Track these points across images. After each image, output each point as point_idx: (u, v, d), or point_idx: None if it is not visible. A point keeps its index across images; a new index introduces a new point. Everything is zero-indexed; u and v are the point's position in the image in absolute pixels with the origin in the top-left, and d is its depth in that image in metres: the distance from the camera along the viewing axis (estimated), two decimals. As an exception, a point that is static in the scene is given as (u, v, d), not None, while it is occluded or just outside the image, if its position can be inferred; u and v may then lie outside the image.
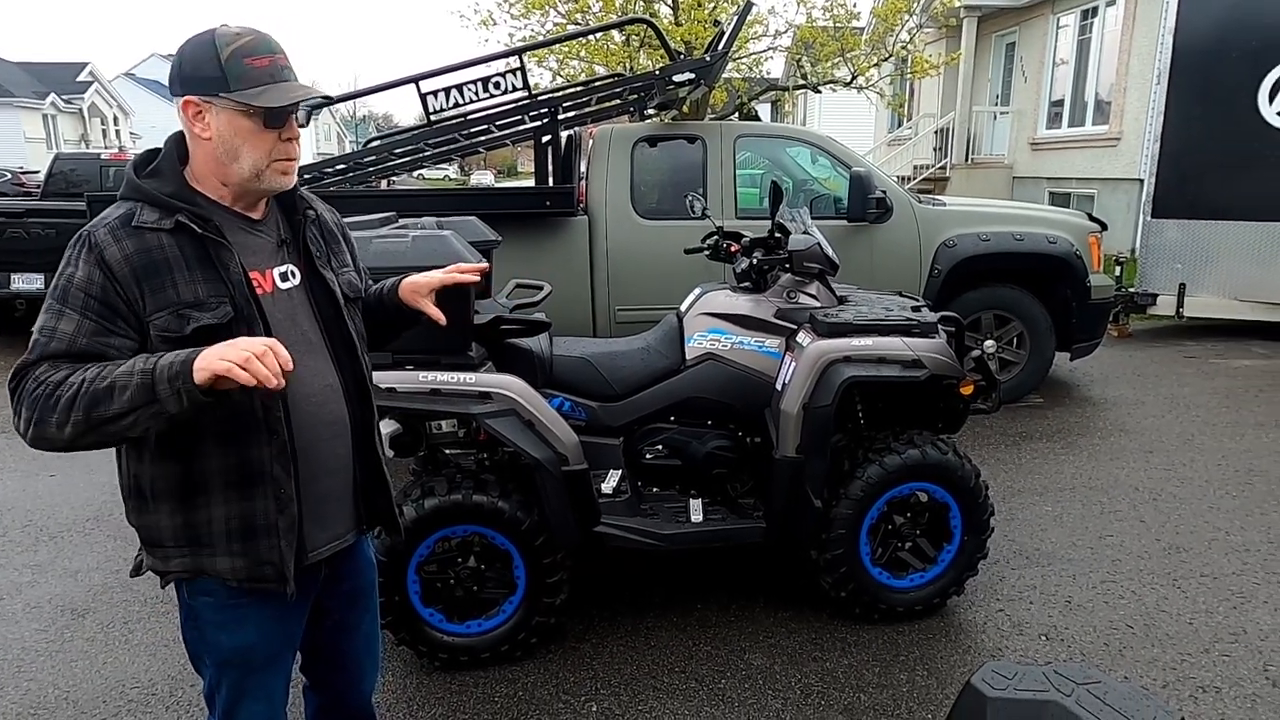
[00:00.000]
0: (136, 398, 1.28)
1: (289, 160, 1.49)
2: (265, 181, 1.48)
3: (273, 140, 1.45)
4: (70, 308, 1.36)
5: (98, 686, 2.70)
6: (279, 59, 1.44)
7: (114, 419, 1.28)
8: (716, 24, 9.40)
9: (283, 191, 1.57)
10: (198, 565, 1.49)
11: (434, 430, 2.79)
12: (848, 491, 2.79)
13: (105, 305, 1.36)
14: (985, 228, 5.32)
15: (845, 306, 2.96)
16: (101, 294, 1.36)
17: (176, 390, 1.27)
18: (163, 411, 1.29)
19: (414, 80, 4.84)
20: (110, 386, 1.28)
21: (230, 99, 1.40)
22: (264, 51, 1.43)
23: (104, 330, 1.36)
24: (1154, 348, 7.03)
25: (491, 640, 2.71)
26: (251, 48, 1.42)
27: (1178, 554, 3.43)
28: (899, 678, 2.65)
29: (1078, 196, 11.77)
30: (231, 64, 1.40)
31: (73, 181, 9.16)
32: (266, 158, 1.45)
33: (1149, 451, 4.60)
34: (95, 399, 1.28)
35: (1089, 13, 12.12)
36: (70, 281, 1.37)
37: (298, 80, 1.48)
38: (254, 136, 1.44)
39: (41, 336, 1.36)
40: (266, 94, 1.41)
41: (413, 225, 2.83)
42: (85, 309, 1.35)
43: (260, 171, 1.46)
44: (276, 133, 1.45)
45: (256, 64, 1.42)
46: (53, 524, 3.92)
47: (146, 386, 1.28)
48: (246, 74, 1.41)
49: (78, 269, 1.37)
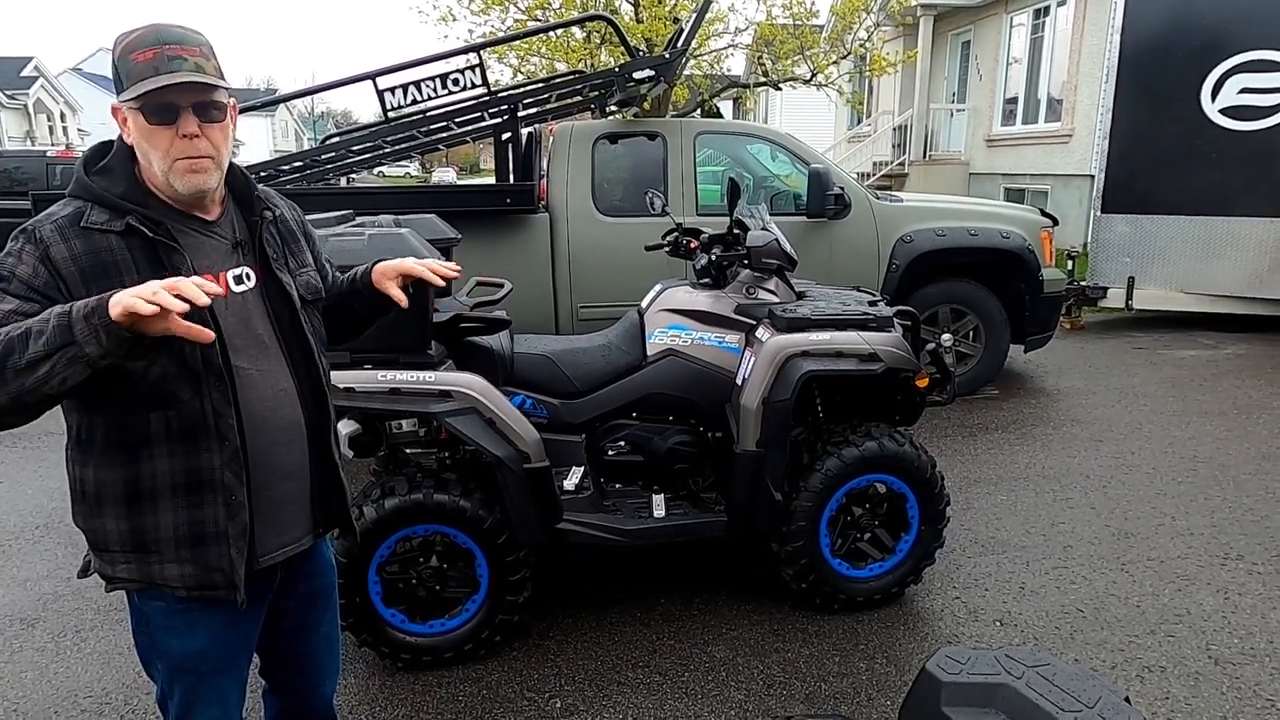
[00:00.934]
0: (53, 340, 1.19)
1: (194, 159, 1.40)
2: (175, 183, 1.41)
3: (169, 138, 1.38)
4: (10, 294, 1.30)
5: (49, 697, 2.64)
6: (169, 49, 1.35)
7: (28, 367, 1.19)
8: (676, 21, 9.44)
9: (240, 190, 1.55)
10: (145, 574, 1.47)
11: (394, 430, 2.77)
12: (807, 484, 2.83)
13: (47, 299, 1.31)
14: (941, 223, 5.41)
15: (803, 301, 3.00)
16: (44, 288, 1.32)
17: (94, 327, 1.18)
18: (81, 354, 1.19)
19: (371, 77, 4.79)
20: (25, 333, 1.20)
21: (122, 99, 1.37)
22: (151, 43, 1.36)
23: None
24: (1104, 339, 7.22)
25: (455, 639, 2.70)
26: (138, 42, 1.36)
27: (1126, 539, 3.53)
28: (859, 666, 2.70)
29: (1032, 192, 12.03)
30: (123, 62, 1.37)
31: (17, 180, 8.93)
32: (166, 157, 1.39)
33: (1099, 440, 4.73)
34: (8, 348, 1.20)
35: (1041, 12, 12.39)
36: (13, 272, 1.32)
37: (203, 71, 1.37)
38: (151, 135, 1.38)
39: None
40: (139, 87, 1.34)
41: (370, 223, 2.81)
42: (27, 299, 1.30)
43: (166, 172, 1.40)
44: (172, 129, 1.38)
45: (140, 58, 1.35)
46: (1, 532, 3.81)
47: (63, 328, 1.19)
48: (132, 70, 1.36)
49: (20, 261, 1.33)
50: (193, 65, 1.37)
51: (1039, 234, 5.62)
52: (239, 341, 1.49)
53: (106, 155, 1.46)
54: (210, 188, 1.45)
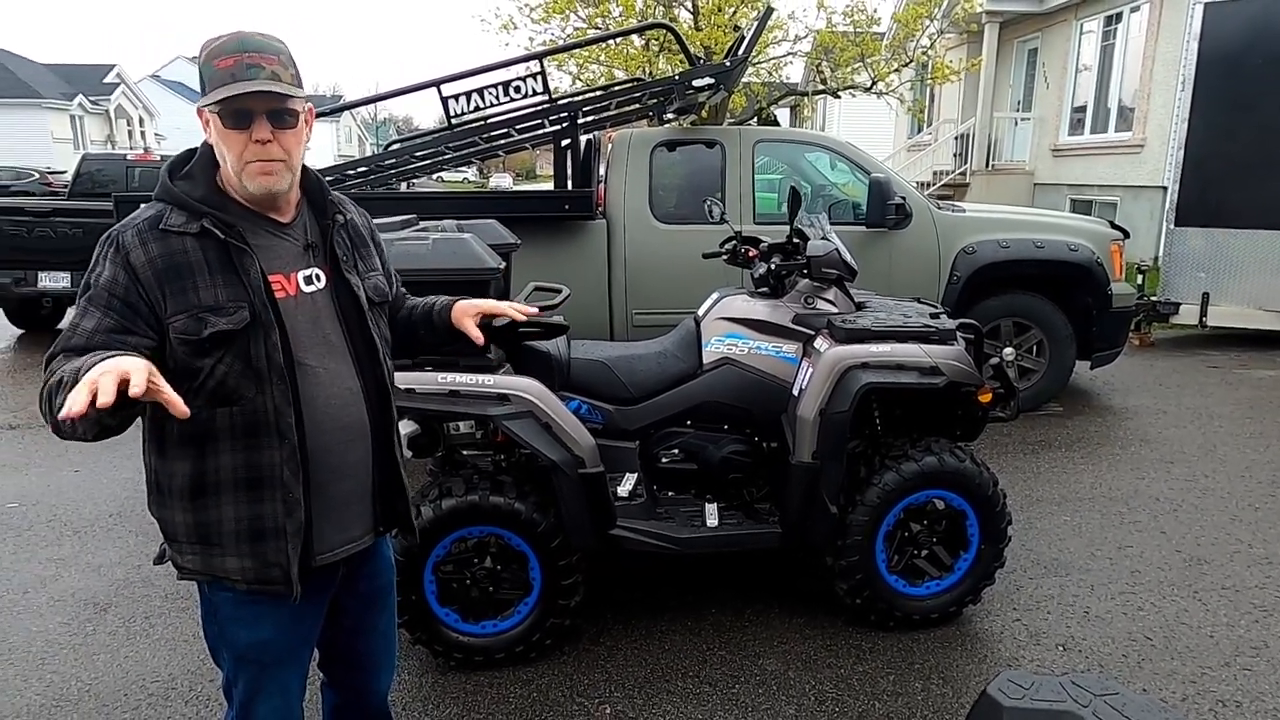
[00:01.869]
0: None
1: (266, 162, 1.45)
2: (247, 184, 1.46)
3: (243, 142, 1.43)
4: (94, 306, 1.39)
5: (119, 679, 2.74)
6: (248, 57, 1.40)
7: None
8: (736, 29, 9.42)
9: (314, 194, 1.59)
10: (208, 566, 1.52)
11: (452, 431, 2.81)
12: (864, 498, 2.78)
13: (127, 305, 1.39)
14: (1005, 234, 5.28)
15: (863, 312, 2.96)
16: (124, 294, 1.39)
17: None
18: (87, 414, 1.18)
19: (436, 84, 4.89)
20: (59, 381, 1.26)
21: (202, 102, 1.43)
22: (232, 51, 1.41)
23: (123, 329, 1.38)
24: (1176, 357, 6.95)
25: (506, 641, 2.73)
26: (221, 49, 1.41)
27: (1199, 566, 3.39)
28: (914, 686, 2.64)
29: (1100, 204, 11.67)
30: (206, 68, 1.42)
31: (99, 182, 9.30)
32: (239, 159, 1.44)
33: (1170, 462, 4.55)
34: (52, 392, 1.28)
35: (1113, 18, 12.02)
36: (97, 281, 1.40)
37: (279, 80, 1.42)
38: (226, 138, 1.43)
39: (66, 332, 1.39)
40: (217, 93, 1.40)
41: (433, 228, 2.86)
42: (108, 308, 1.38)
43: (239, 173, 1.45)
44: (246, 134, 1.43)
45: (221, 65, 1.40)
46: (76, 519, 3.98)
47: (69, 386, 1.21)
48: (213, 76, 1.41)
49: (104, 269, 1.41)
50: (269, 74, 1.42)
51: (1108, 247, 5.44)
52: (307, 340, 1.53)
53: (190, 161, 1.53)
54: (281, 190, 1.50)
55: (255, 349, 1.45)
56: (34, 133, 28.84)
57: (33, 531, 3.84)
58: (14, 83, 29.85)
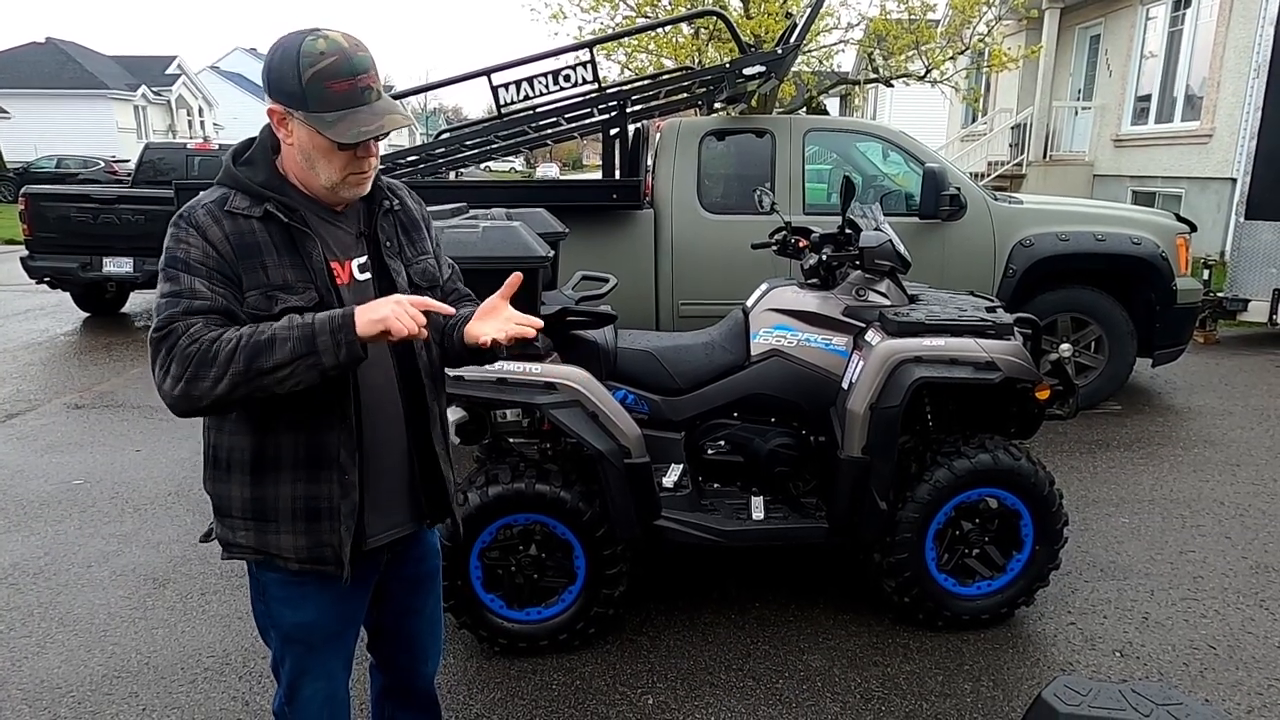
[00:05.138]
0: (297, 348, 1.35)
1: (364, 174, 1.50)
2: (340, 193, 1.51)
3: (348, 158, 1.46)
4: (195, 275, 1.41)
5: (176, 654, 2.82)
6: (360, 80, 1.42)
7: (272, 370, 1.35)
8: (788, 16, 9.29)
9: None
10: (262, 542, 1.54)
11: (499, 419, 2.82)
12: (914, 495, 2.72)
13: (221, 274, 1.42)
14: (1064, 227, 5.13)
15: (916, 305, 2.89)
16: (217, 265, 1.42)
17: (338, 341, 1.35)
18: (319, 364, 1.36)
19: (486, 73, 4.91)
20: (271, 339, 1.35)
21: (316, 123, 1.42)
22: (345, 75, 1.41)
23: (231, 295, 1.42)
24: (1243, 355, 6.69)
25: (550, 628, 2.74)
26: (334, 70, 1.41)
27: (1266, 574, 3.26)
28: (963, 687, 2.58)
29: (1164, 196, 11.27)
30: (312, 85, 1.41)
31: (161, 170, 9.58)
32: (340, 174, 1.47)
33: (1236, 465, 4.38)
34: (256, 350, 1.35)
35: (1180, 3, 11.57)
36: (188, 254, 1.42)
37: (381, 96, 1.46)
38: (329, 154, 1.45)
39: (180, 298, 1.39)
40: (340, 124, 1.41)
41: (483, 216, 2.87)
42: (210, 277, 1.41)
43: (335, 185, 1.49)
44: (352, 152, 1.46)
45: (336, 88, 1.41)
46: (137, 496, 4.11)
47: (307, 339, 1.35)
48: (325, 97, 1.41)
49: (191, 244, 1.42)
50: (376, 94, 1.45)
51: (1173, 240, 5.24)
52: None
53: (250, 148, 1.55)
54: (365, 193, 1.55)
55: None
56: (100, 122, 29.87)
57: (96, 508, 3.98)
58: (82, 74, 30.93)
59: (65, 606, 3.11)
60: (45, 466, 4.50)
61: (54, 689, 2.64)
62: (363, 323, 1.36)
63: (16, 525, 3.79)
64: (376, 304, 1.39)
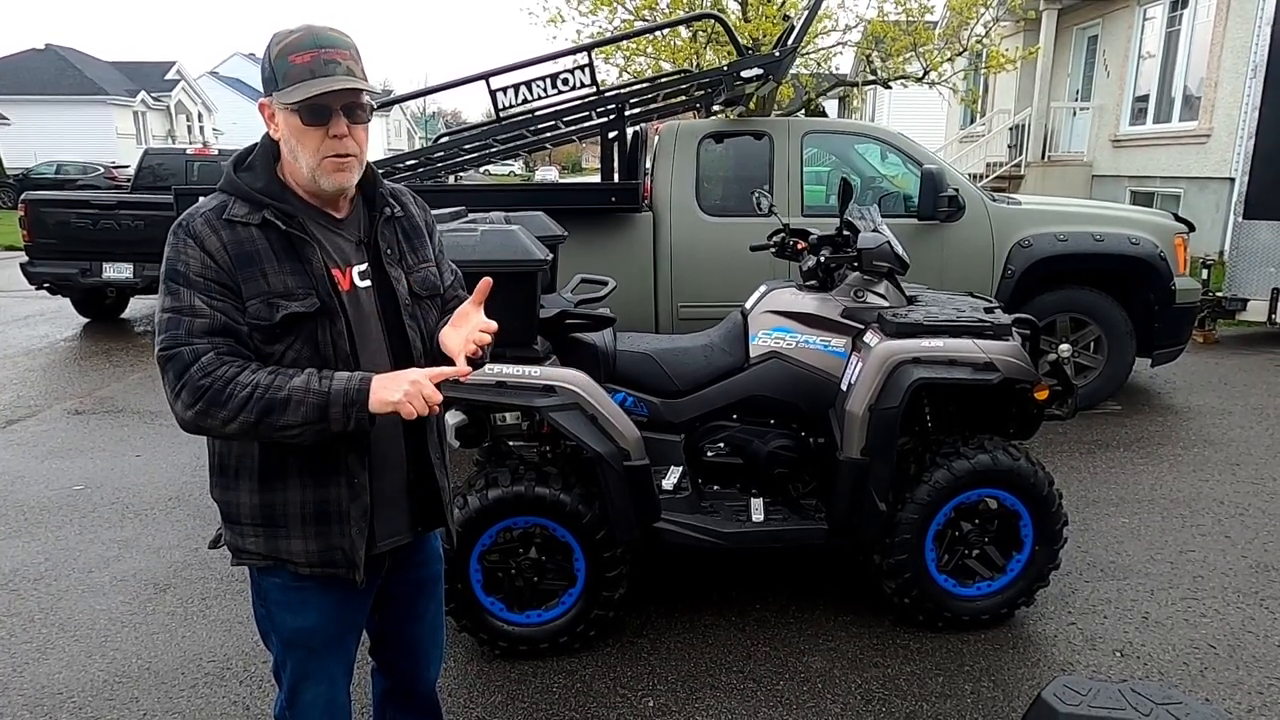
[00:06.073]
0: (309, 414, 1.39)
1: (341, 158, 1.46)
2: (321, 181, 1.48)
3: (320, 138, 1.44)
4: (194, 289, 1.41)
5: (176, 658, 2.82)
6: (325, 53, 1.41)
7: (282, 428, 1.40)
8: (786, 19, 9.31)
9: (367, 188, 1.60)
10: (273, 548, 1.54)
11: (498, 422, 2.83)
12: (914, 496, 2.73)
13: (220, 285, 1.42)
14: (1063, 227, 5.13)
15: (915, 307, 2.90)
16: (216, 275, 1.42)
17: (349, 415, 1.40)
18: (327, 430, 1.41)
19: (484, 77, 4.91)
20: (286, 399, 1.39)
21: (278, 98, 1.43)
22: (308, 46, 1.41)
23: (230, 307, 1.42)
24: (1242, 355, 6.69)
25: (550, 631, 2.74)
26: (296, 44, 1.42)
27: (1266, 573, 3.26)
28: (963, 688, 2.58)
29: (1162, 196, 11.28)
30: (279, 62, 1.42)
31: (160, 176, 9.59)
32: (316, 156, 1.45)
33: (1235, 464, 4.38)
34: (269, 407, 1.38)
35: (1178, 3, 11.58)
36: (187, 267, 1.42)
37: (354, 75, 1.43)
38: (303, 135, 1.44)
39: (180, 315, 1.40)
40: (297, 90, 1.40)
41: (481, 219, 2.87)
42: (208, 291, 1.41)
43: (314, 170, 1.46)
44: (323, 130, 1.43)
45: (298, 60, 1.41)
46: (138, 502, 4.11)
47: (320, 407, 1.40)
48: (289, 71, 1.41)
49: (190, 256, 1.42)
50: (345, 69, 1.43)
51: (1172, 240, 5.25)
52: (362, 333, 1.55)
53: (252, 155, 1.55)
54: (352, 185, 1.52)
55: (323, 335, 1.48)
56: (100, 128, 29.92)
57: (97, 513, 3.98)
58: (81, 80, 30.97)
59: (66, 612, 3.11)
60: (46, 472, 4.50)
61: (55, 694, 2.64)
62: (376, 401, 1.40)
63: (17, 531, 3.79)
64: (394, 381, 1.41)
